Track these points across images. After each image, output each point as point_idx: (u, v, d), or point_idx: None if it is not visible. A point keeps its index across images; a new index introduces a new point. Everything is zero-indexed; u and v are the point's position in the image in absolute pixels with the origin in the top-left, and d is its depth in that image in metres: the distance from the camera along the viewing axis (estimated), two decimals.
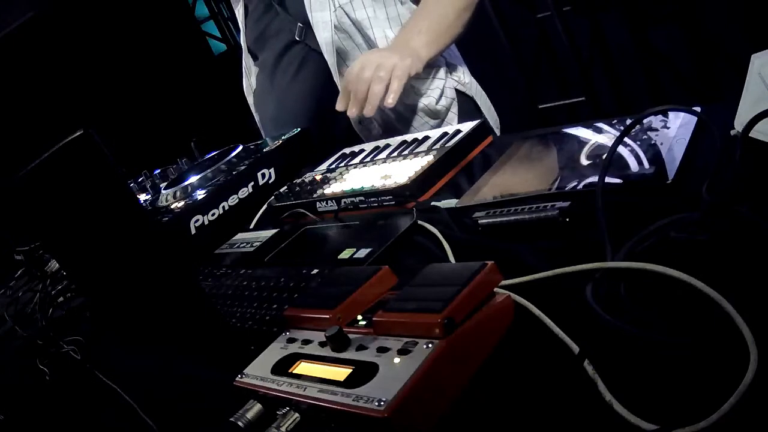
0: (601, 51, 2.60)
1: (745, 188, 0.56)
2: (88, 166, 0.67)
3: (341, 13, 1.33)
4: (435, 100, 1.35)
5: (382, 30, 1.34)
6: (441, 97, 1.36)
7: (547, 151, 0.93)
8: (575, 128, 0.91)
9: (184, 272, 0.74)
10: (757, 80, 0.66)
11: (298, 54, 1.42)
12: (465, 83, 1.42)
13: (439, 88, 1.36)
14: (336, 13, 1.33)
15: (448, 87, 1.38)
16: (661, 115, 0.80)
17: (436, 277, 0.59)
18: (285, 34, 1.42)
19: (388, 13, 1.36)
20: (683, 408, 0.42)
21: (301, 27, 1.38)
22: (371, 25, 1.34)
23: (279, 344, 0.64)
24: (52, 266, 1.37)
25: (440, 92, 1.36)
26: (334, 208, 1.05)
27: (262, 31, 1.48)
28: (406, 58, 1.18)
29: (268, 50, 1.48)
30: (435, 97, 1.35)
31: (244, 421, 0.57)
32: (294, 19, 1.39)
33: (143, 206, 1.38)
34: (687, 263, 0.49)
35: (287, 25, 1.41)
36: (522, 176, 0.88)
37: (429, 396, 0.50)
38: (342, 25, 1.33)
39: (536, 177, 0.85)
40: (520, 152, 0.95)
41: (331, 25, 1.33)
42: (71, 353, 0.95)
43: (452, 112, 1.39)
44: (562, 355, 0.51)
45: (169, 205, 1.27)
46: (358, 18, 1.33)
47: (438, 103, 1.36)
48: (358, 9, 1.33)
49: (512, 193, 0.82)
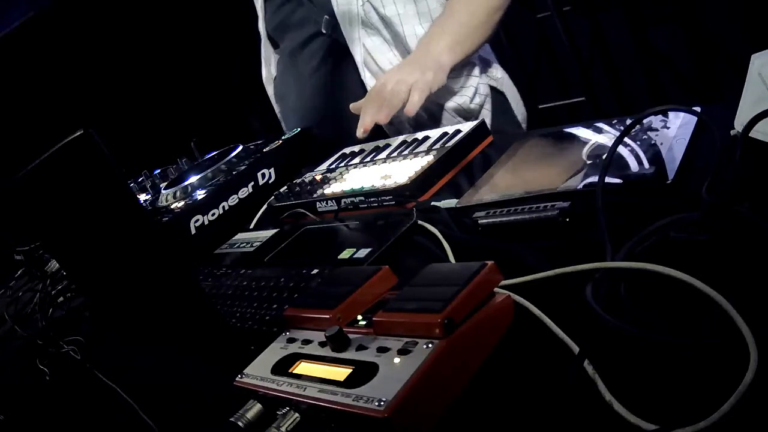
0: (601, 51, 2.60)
1: (745, 188, 0.56)
2: (88, 166, 0.67)
3: (369, 8, 1.27)
4: (469, 99, 1.31)
5: (412, 27, 1.28)
6: (475, 95, 1.32)
7: (548, 151, 0.93)
8: (575, 128, 0.91)
9: (184, 272, 0.74)
10: (757, 80, 0.66)
11: (322, 45, 1.36)
12: (497, 78, 1.38)
13: (473, 86, 1.32)
14: (363, 7, 1.27)
15: (482, 83, 1.34)
16: (661, 115, 0.80)
17: (436, 277, 0.59)
18: (310, 26, 1.36)
19: (419, 8, 1.29)
20: (683, 408, 0.42)
21: (328, 19, 1.31)
22: (401, 21, 1.27)
23: (279, 344, 0.64)
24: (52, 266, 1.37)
25: (474, 90, 1.32)
26: (334, 208, 1.05)
27: (282, 19, 1.42)
28: (428, 72, 1.14)
29: (290, 40, 1.42)
30: (469, 96, 1.31)
31: (244, 421, 0.57)
32: (320, 10, 1.32)
33: (143, 206, 1.38)
34: (687, 263, 0.49)
35: (312, 15, 1.34)
36: (522, 176, 0.88)
37: (429, 396, 0.50)
38: (369, 19, 1.28)
39: (536, 177, 0.85)
40: (520, 152, 0.95)
41: (358, 20, 1.28)
42: (71, 353, 0.95)
43: (486, 108, 1.35)
44: (562, 355, 0.51)
45: (169, 205, 1.27)
46: (387, 14, 1.27)
47: (472, 102, 1.31)
48: (387, 5, 1.27)
49: (512, 193, 0.82)
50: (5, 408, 0.91)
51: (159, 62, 3.09)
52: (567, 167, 0.82)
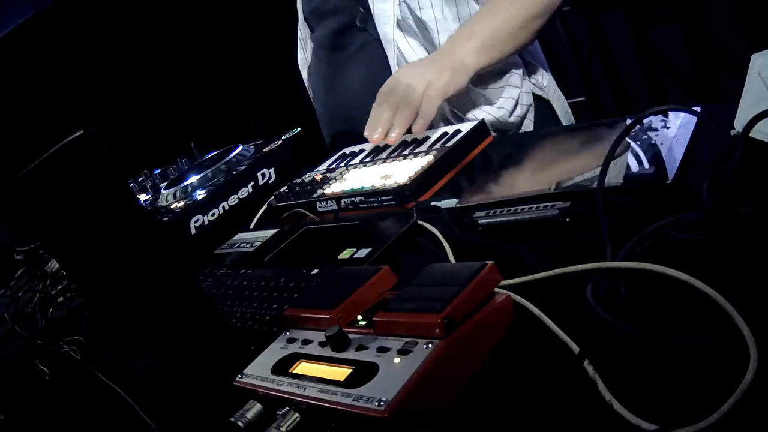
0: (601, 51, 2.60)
1: (745, 188, 0.56)
2: (88, 166, 0.67)
3: (405, 9, 1.18)
4: (508, 113, 1.17)
5: (448, 34, 1.16)
6: (516, 107, 1.18)
7: (548, 151, 0.93)
8: (575, 128, 0.91)
9: (184, 272, 0.74)
10: (757, 80, 0.66)
11: (357, 38, 1.27)
12: (543, 87, 1.25)
13: (513, 98, 1.18)
14: (400, 6, 1.18)
15: (525, 92, 1.20)
16: (661, 115, 0.80)
17: (436, 277, 0.59)
18: (344, 16, 1.28)
19: (459, 12, 1.18)
20: (683, 408, 0.42)
21: (363, 12, 1.23)
22: (437, 27, 1.17)
23: (279, 344, 0.64)
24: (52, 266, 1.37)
25: (515, 103, 1.18)
26: (334, 208, 1.05)
27: (318, 5, 1.33)
28: (444, 73, 1.05)
29: (323, 27, 1.34)
30: (508, 108, 1.17)
31: (244, 421, 0.57)
32: (356, 2, 1.24)
33: (143, 206, 1.38)
34: (687, 263, 0.49)
35: (347, 5, 1.26)
36: (522, 176, 0.88)
37: (429, 396, 0.50)
38: (405, 20, 1.19)
39: (537, 177, 0.85)
40: (520, 152, 0.95)
41: (393, 20, 1.19)
42: (71, 353, 0.95)
43: (528, 119, 1.22)
44: (562, 355, 0.51)
45: (169, 205, 1.27)
46: (424, 18, 1.17)
47: (512, 116, 1.18)
48: (424, 8, 1.17)
49: (512, 193, 0.82)
50: (5, 408, 0.91)
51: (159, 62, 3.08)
52: (567, 167, 0.82)
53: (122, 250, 0.73)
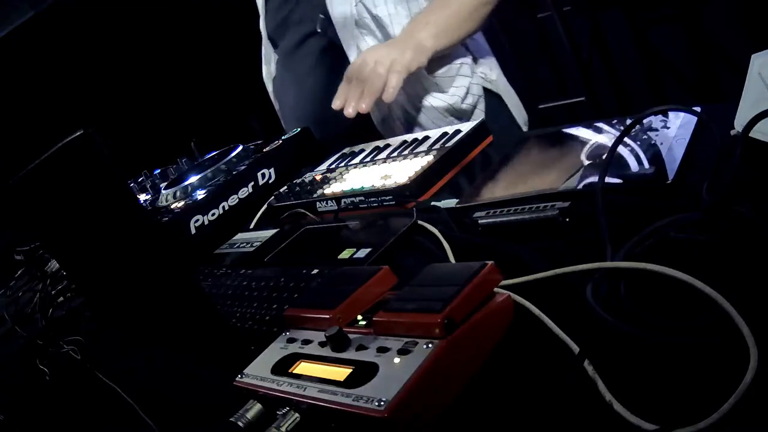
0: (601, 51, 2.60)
1: (745, 188, 0.56)
2: (88, 166, 0.67)
3: (362, 8, 1.28)
4: (460, 99, 1.30)
5: (401, 27, 1.27)
6: (467, 95, 1.30)
7: (548, 151, 0.93)
8: (575, 128, 0.91)
9: (183, 272, 0.74)
10: (757, 80, 0.66)
11: (318, 44, 1.37)
12: (492, 80, 1.36)
13: (465, 86, 1.30)
14: (357, 7, 1.28)
15: (475, 83, 1.32)
16: (661, 115, 0.80)
17: (436, 277, 0.59)
18: (307, 24, 1.38)
19: (411, 8, 1.29)
20: (683, 408, 0.42)
21: (323, 18, 1.33)
22: (391, 22, 1.28)
23: (279, 344, 0.64)
24: (52, 266, 1.37)
25: (466, 90, 1.30)
26: (334, 208, 1.05)
27: (284, 18, 1.43)
28: (407, 52, 1.15)
29: (289, 38, 1.44)
30: (460, 96, 1.30)
31: (244, 421, 0.57)
32: (316, 9, 1.34)
33: (143, 206, 1.38)
34: (687, 263, 0.49)
35: (309, 14, 1.36)
36: (522, 176, 0.88)
37: (429, 396, 0.50)
38: (362, 19, 1.29)
39: (536, 177, 0.85)
40: (520, 152, 0.95)
41: (351, 20, 1.28)
42: (71, 353, 0.95)
43: (479, 109, 1.34)
44: (562, 355, 0.51)
45: (169, 205, 1.28)
46: (379, 14, 1.28)
47: (464, 102, 1.30)
48: (379, 5, 1.28)
49: (512, 193, 0.82)
50: (5, 408, 0.91)
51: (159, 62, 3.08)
52: (567, 167, 0.82)
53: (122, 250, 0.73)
